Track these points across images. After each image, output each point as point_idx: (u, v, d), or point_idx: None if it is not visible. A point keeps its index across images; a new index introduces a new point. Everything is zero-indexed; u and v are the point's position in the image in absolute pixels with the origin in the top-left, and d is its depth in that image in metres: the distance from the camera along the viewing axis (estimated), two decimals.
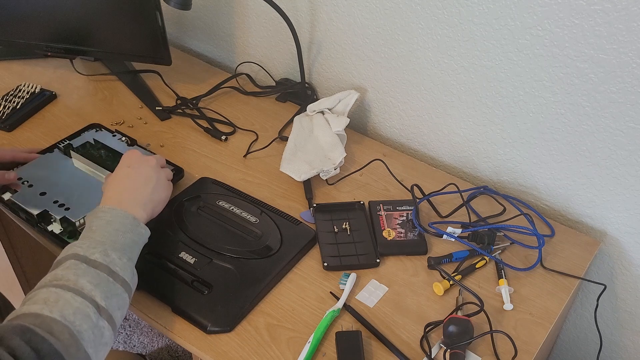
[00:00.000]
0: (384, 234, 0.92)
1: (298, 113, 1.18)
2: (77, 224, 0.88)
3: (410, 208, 0.97)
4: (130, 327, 1.63)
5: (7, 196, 0.93)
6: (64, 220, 0.88)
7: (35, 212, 0.89)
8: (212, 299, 0.80)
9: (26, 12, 1.18)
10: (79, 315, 0.64)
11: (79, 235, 0.87)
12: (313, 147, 1.05)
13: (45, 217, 0.89)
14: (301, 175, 0.99)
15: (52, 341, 0.60)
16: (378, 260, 0.89)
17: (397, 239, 0.92)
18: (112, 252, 0.72)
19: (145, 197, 0.82)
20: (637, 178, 0.91)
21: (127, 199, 0.80)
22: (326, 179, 1.02)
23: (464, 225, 0.93)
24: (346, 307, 0.82)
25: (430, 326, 0.80)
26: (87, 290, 0.66)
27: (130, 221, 0.77)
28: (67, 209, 0.90)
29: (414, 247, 0.91)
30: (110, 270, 0.70)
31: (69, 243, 0.86)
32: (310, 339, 0.76)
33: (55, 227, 0.89)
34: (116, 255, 0.72)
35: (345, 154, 1.04)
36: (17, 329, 0.59)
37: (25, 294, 1.03)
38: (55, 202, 0.91)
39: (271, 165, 1.07)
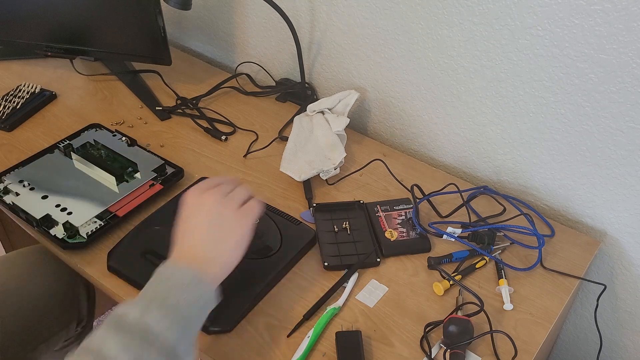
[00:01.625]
0: (387, 235, 0.92)
1: (298, 113, 1.18)
2: (80, 228, 0.89)
3: (408, 207, 0.97)
4: None
5: (9, 199, 0.93)
6: (66, 225, 0.89)
7: (38, 216, 0.89)
8: None
9: (26, 12, 1.18)
10: None
11: (79, 236, 0.88)
12: (313, 147, 1.05)
13: (47, 221, 0.89)
14: (301, 176, 0.99)
15: None
16: (379, 260, 0.89)
17: (400, 238, 0.92)
18: (154, 309, 0.60)
19: (220, 254, 0.69)
20: (637, 178, 0.91)
21: (194, 254, 0.68)
22: (326, 179, 1.02)
23: (464, 225, 0.93)
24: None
25: (430, 326, 0.80)
26: (111, 356, 0.56)
27: (191, 277, 0.65)
28: (70, 213, 0.90)
29: (418, 245, 0.91)
30: (144, 336, 0.58)
31: (70, 244, 0.87)
32: (310, 333, 0.77)
33: (58, 232, 0.88)
34: (156, 315, 0.60)
35: (345, 154, 1.04)
36: None
37: None
38: (58, 205, 0.92)
39: (271, 165, 1.07)
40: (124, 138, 1.07)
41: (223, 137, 1.12)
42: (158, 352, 0.58)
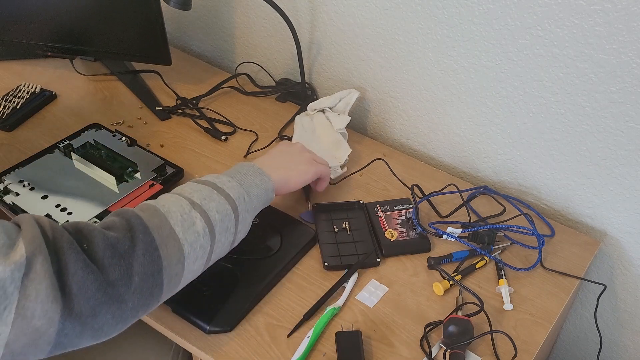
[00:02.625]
0: (387, 235, 0.92)
1: (298, 113, 1.18)
2: None
3: (408, 207, 0.97)
4: None
5: (9, 199, 0.93)
6: None
7: None
8: (212, 299, 0.80)
9: (26, 12, 1.18)
10: (170, 200, 0.70)
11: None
12: (317, 148, 1.05)
13: None
14: None
15: (136, 211, 0.67)
16: (379, 260, 0.89)
17: (400, 238, 0.92)
18: (223, 176, 0.77)
19: (284, 169, 0.86)
20: (637, 178, 0.91)
21: (262, 162, 0.85)
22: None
23: (464, 225, 0.93)
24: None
25: (430, 326, 0.80)
26: (186, 193, 0.72)
27: (255, 169, 0.82)
28: (70, 213, 0.90)
29: (418, 245, 0.91)
30: (215, 185, 0.74)
31: None
32: (310, 333, 0.77)
33: None
34: (226, 178, 0.76)
35: (351, 150, 1.04)
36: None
37: None
38: (58, 205, 0.92)
39: None
40: (124, 138, 1.07)
41: (223, 137, 1.12)
42: (225, 198, 0.73)
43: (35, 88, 1.20)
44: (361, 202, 0.98)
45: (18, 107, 1.15)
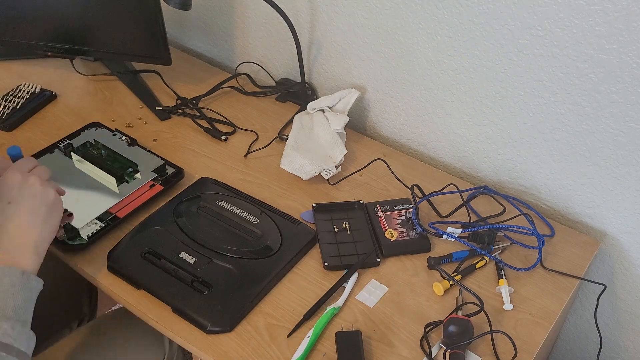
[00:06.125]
0: (387, 235, 0.92)
1: (298, 113, 1.18)
2: (80, 230, 0.89)
3: (408, 207, 0.97)
4: None
5: None
6: (67, 226, 0.88)
7: None
8: (212, 299, 0.80)
9: (26, 12, 1.18)
10: None
11: (79, 237, 0.88)
12: (314, 146, 1.05)
13: None
14: (306, 174, 0.99)
15: None
16: (379, 260, 0.89)
17: (400, 238, 0.92)
18: (3, 323, 0.63)
19: (35, 238, 0.69)
20: (637, 178, 0.91)
21: (13, 247, 0.68)
22: (328, 179, 1.02)
23: (464, 225, 0.93)
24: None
25: (430, 326, 0.80)
26: None
27: (19, 278, 0.66)
28: (70, 214, 0.90)
29: (418, 245, 0.91)
30: (2, 345, 0.62)
31: (71, 246, 0.87)
32: (310, 334, 0.77)
33: (59, 233, 0.88)
34: (8, 325, 0.63)
35: (346, 151, 1.04)
36: None
37: None
38: None
39: (271, 165, 1.07)
40: (124, 137, 1.07)
41: (223, 137, 1.12)
42: (17, 356, 0.62)
43: (35, 88, 1.20)
44: (361, 202, 0.98)
45: (18, 107, 1.14)
